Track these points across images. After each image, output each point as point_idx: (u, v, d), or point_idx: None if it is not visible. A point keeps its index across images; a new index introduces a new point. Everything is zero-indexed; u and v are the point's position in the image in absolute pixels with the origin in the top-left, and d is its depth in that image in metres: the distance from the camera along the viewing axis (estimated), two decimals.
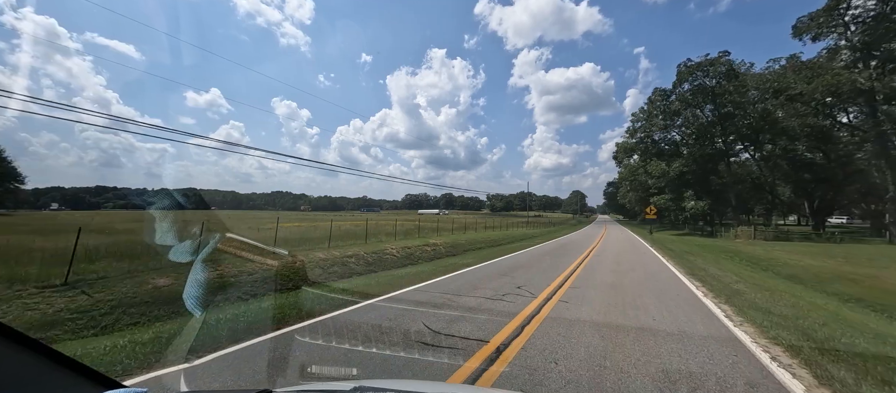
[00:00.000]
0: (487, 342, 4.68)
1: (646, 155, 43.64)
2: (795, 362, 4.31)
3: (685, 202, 37.13)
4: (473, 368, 3.89)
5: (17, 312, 5.61)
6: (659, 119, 41.75)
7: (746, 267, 14.89)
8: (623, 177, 52.37)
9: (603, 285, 9.40)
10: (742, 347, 4.79)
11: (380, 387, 1.58)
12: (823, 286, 10.62)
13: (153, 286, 7.02)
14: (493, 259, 14.43)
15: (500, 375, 3.76)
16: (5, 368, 0.92)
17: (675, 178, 37.72)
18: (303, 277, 8.72)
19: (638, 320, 5.92)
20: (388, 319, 5.70)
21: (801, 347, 4.69)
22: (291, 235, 17.59)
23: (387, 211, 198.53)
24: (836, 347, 4.77)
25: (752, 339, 5.12)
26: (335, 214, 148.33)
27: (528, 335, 5.03)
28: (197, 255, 8.01)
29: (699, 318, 6.17)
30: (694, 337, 5.11)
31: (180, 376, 3.70)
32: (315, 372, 3.67)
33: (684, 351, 4.56)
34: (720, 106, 36.81)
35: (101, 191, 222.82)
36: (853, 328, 5.79)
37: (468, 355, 4.22)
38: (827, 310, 7.31)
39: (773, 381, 3.82)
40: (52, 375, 1.00)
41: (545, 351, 4.47)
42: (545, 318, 5.95)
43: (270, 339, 4.80)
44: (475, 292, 7.83)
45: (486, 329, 5.25)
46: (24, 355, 0.96)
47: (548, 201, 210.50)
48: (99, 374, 1.13)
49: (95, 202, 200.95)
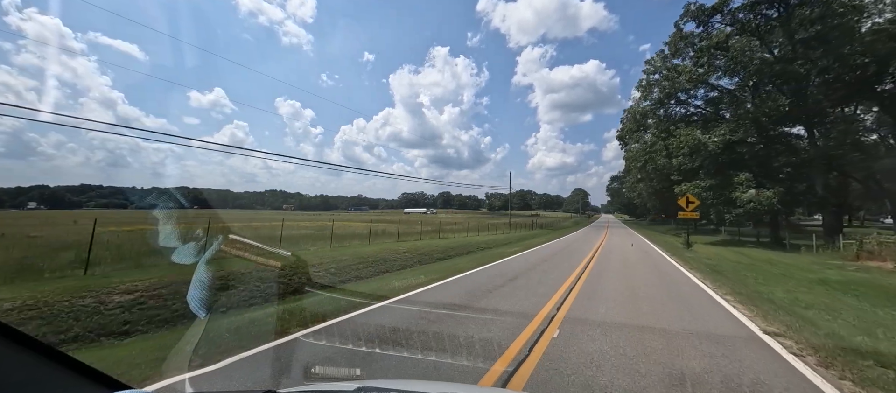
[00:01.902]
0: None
1: (666, 125, 28.54)
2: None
3: (736, 191, 22.09)
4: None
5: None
6: (690, 64, 26.40)
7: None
8: (631, 160, 35.70)
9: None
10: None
11: (383, 387, 1.60)
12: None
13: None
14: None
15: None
16: (9, 369, 0.90)
17: (716, 153, 22.70)
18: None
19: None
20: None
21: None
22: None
23: (383, 210, 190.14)
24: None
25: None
26: (317, 213, 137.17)
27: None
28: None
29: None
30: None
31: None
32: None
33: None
34: (800, 25, 21.51)
35: (85, 189, 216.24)
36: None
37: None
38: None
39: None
40: (59, 377, 0.99)
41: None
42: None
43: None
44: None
45: None
46: (25, 356, 0.94)
47: (548, 200, 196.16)
48: (107, 377, 1.11)
49: (77, 201, 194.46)
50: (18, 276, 7.11)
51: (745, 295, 7.62)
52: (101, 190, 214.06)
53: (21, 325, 4.82)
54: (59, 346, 4.65)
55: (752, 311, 6.42)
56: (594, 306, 6.53)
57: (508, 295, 7.32)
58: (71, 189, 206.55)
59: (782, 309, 6.48)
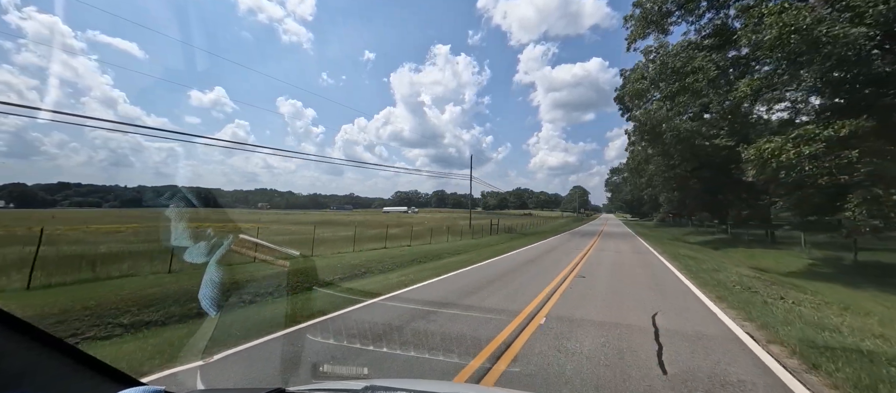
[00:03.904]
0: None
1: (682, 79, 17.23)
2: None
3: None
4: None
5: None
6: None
7: None
8: (642, 122, 22.95)
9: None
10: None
11: (391, 386, 1.58)
12: None
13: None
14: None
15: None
16: (17, 362, 0.89)
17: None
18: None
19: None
20: None
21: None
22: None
23: (376, 208, 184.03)
24: None
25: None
26: (299, 212, 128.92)
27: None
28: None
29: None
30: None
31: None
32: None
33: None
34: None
35: (63, 187, 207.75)
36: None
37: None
38: None
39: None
40: (68, 371, 0.99)
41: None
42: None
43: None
44: None
45: None
46: (35, 350, 0.92)
47: (546, 199, 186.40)
48: (116, 371, 1.09)
49: (52, 200, 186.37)
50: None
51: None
52: (80, 188, 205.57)
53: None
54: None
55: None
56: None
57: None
58: (47, 188, 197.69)
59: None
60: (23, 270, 7.17)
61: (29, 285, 6.79)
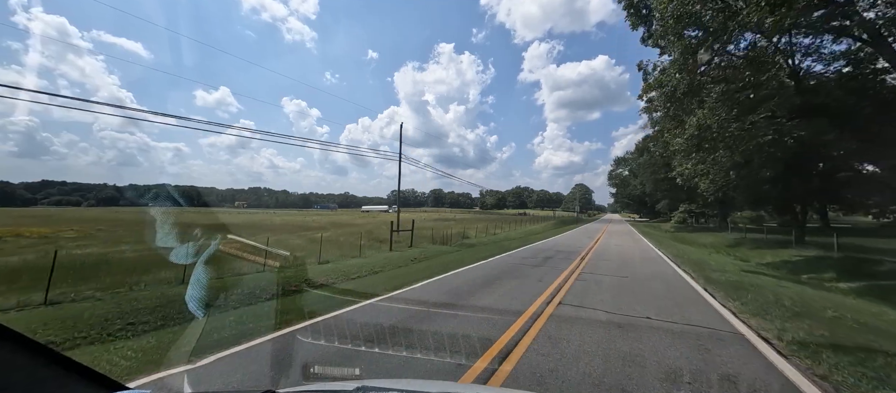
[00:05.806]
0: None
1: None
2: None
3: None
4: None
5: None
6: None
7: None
8: (660, 86, 14.08)
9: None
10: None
11: (383, 386, 1.57)
12: None
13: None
14: None
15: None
16: (8, 370, 0.88)
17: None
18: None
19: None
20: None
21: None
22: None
23: (366, 208, 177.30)
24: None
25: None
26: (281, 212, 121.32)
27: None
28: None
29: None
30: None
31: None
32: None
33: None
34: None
35: (46, 185, 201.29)
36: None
37: None
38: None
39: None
40: (52, 376, 0.97)
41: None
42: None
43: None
44: None
45: None
46: (20, 356, 0.92)
47: (547, 198, 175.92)
48: (102, 375, 1.09)
49: (33, 199, 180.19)
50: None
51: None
52: (64, 186, 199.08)
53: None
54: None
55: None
56: None
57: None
58: (29, 186, 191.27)
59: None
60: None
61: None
